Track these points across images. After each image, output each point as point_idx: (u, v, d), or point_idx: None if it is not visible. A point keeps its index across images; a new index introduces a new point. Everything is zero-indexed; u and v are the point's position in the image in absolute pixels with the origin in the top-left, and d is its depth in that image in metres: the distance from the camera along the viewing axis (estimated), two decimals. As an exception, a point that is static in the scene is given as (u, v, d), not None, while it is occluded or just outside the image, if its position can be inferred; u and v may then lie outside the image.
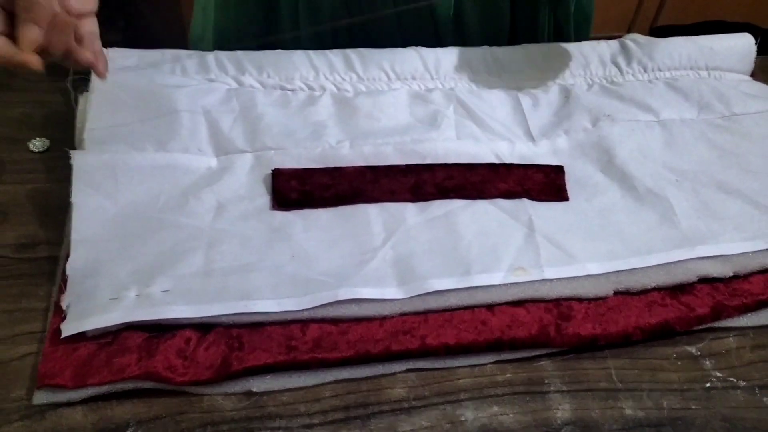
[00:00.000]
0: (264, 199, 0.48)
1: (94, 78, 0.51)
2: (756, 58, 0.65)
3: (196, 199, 0.47)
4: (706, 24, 1.15)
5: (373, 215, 0.48)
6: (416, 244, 0.47)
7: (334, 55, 0.57)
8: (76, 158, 0.46)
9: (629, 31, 1.70)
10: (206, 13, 0.68)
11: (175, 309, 0.41)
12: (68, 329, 0.40)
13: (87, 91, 0.52)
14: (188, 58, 0.56)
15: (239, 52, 0.57)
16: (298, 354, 0.40)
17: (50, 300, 0.43)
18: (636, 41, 0.62)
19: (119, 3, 1.86)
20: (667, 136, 0.56)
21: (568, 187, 0.52)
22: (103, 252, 0.43)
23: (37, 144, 0.52)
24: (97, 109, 0.49)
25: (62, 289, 0.42)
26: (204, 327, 0.41)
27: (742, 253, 0.48)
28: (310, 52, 0.58)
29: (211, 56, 0.56)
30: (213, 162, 0.50)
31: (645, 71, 0.61)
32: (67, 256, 0.43)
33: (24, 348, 0.41)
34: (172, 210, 0.47)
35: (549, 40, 0.65)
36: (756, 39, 0.65)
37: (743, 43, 0.63)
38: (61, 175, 0.49)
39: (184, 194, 0.48)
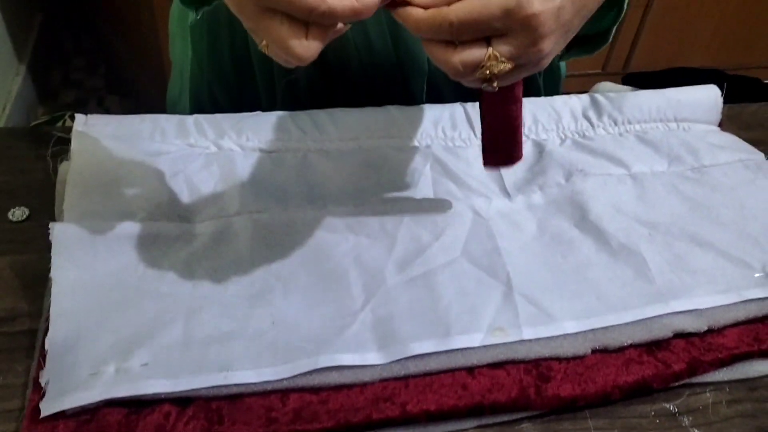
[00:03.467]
0: (245, 263, 0.49)
1: (74, 147, 0.52)
2: (723, 107, 0.67)
3: (176, 267, 0.48)
4: (675, 71, 1.19)
5: (353, 277, 0.49)
6: (396, 306, 0.47)
7: (310, 116, 0.58)
8: (55, 230, 0.47)
9: (603, 68, 1.75)
10: (183, 76, 0.69)
11: (154, 383, 0.41)
12: (47, 408, 0.39)
13: (67, 159, 0.52)
14: (167, 122, 0.57)
15: (219, 115, 0.58)
16: (279, 426, 0.40)
17: (29, 375, 0.43)
18: (606, 95, 0.64)
19: (101, 49, 1.88)
20: (639, 189, 0.57)
21: (544, 243, 0.53)
22: (82, 325, 0.43)
23: (16, 213, 0.52)
24: (76, 179, 0.50)
25: (41, 365, 0.42)
26: (184, 400, 0.41)
27: (716, 307, 0.49)
28: (289, 113, 0.59)
29: (190, 120, 0.57)
30: (194, 228, 0.50)
31: (615, 124, 0.63)
32: (47, 330, 0.43)
33: (2, 427, 0.40)
34: (152, 279, 0.47)
35: None
36: (722, 88, 0.67)
37: (710, 95, 0.65)
38: (41, 246, 0.49)
39: (164, 263, 0.48)
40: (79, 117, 0.55)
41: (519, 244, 0.53)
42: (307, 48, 0.35)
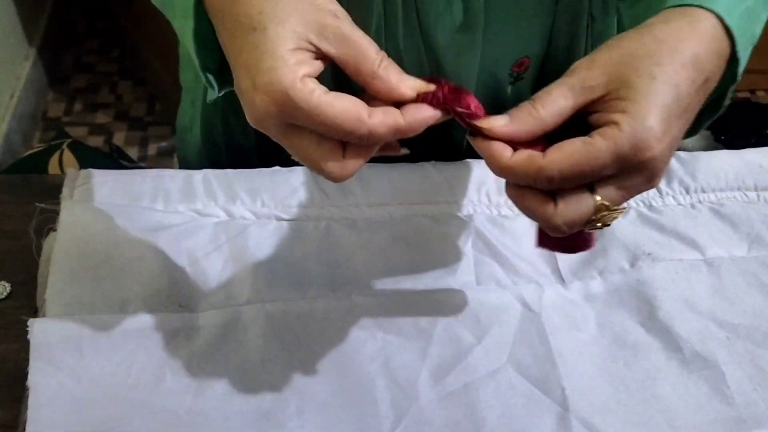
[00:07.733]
0: (256, 369, 0.42)
1: (62, 218, 0.45)
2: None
3: (174, 373, 0.41)
4: (738, 105, 1.08)
5: (381, 389, 0.42)
6: (430, 431, 0.40)
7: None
8: (35, 329, 0.40)
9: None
10: (194, 105, 0.62)
11: None
12: None
13: (54, 230, 0.45)
14: (172, 181, 0.49)
15: (230, 173, 0.51)
16: None
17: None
18: (677, 155, 0.56)
19: (114, 33, 1.80)
20: (715, 279, 0.49)
21: (604, 345, 0.46)
22: (61, 453, 0.37)
23: (-5, 290, 0.45)
24: (61, 259, 0.43)
25: (12, 500, 0.36)
26: None
27: (808, 440, 0.42)
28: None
29: (198, 177, 0.50)
30: (197, 319, 0.43)
31: (687, 192, 0.54)
32: (21, 453, 0.37)
33: None
34: (146, 387, 0.40)
35: None
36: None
37: (796, 158, 0.56)
38: (21, 332, 0.42)
39: (161, 366, 0.41)
40: (71, 173, 0.48)
41: (575, 346, 0.45)
42: (344, 168, 0.29)
